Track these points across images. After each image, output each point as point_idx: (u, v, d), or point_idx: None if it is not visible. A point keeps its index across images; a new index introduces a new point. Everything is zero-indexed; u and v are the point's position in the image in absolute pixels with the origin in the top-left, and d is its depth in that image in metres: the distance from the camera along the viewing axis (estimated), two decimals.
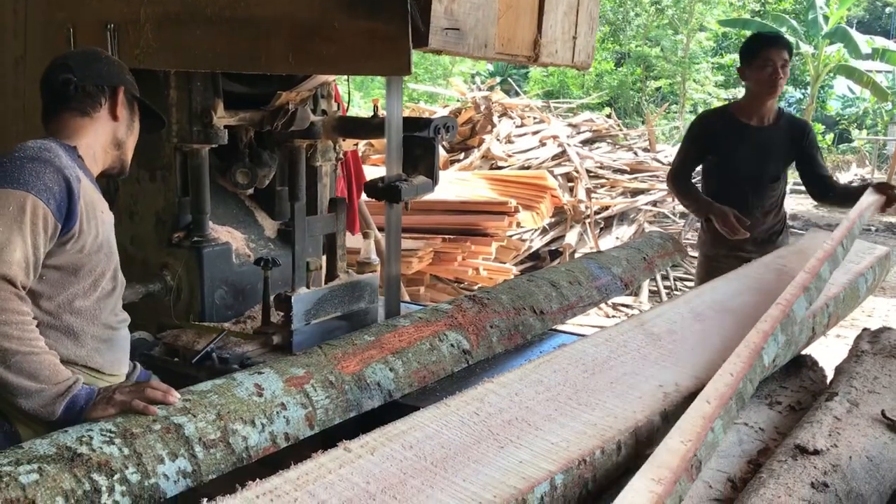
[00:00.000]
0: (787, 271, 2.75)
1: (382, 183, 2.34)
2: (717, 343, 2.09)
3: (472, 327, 2.20)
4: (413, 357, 2.00)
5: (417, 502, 1.34)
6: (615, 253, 3.14)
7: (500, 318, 2.30)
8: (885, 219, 14.34)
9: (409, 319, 2.13)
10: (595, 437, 1.58)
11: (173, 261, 2.52)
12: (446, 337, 2.12)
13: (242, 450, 1.59)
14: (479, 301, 2.31)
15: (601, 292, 2.77)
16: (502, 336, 2.28)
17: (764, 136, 3.51)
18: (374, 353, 1.94)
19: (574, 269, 2.79)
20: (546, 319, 2.45)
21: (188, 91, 2.43)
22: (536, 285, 2.54)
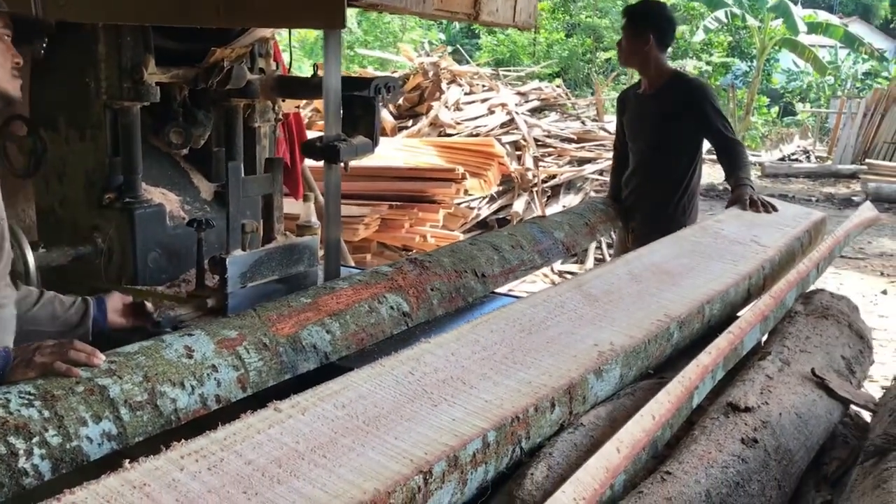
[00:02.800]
0: (724, 235, 2.78)
1: (321, 143, 2.29)
2: (653, 303, 2.10)
3: (412, 290, 2.18)
4: (351, 319, 1.97)
5: (347, 461, 1.32)
6: (558, 218, 3.14)
7: (441, 280, 2.28)
8: (826, 189, 14.70)
9: (347, 282, 2.11)
10: (529, 395, 1.57)
11: (104, 222, 2.45)
12: (386, 299, 2.09)
13: (171, 412, 1.56)
14: (420, 264, 2.29)
15: (543, 256, 2.79)
16: (443, 299, 2.26)
17: (646, 104, 3.50)
18: (310, 316, 1.91)
19: (516, 233, 2.79)
20: (487, 282, 2.45)
21: (117, 46, 2.34)
22: (479, 249, 2.53)
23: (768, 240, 2.73)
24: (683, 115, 3.38)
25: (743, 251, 2.60)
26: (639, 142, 3.58)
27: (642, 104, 3.52)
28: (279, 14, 1.86)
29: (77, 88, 2.44)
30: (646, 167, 3.54)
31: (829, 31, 20.96)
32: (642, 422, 1.62)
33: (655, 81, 3.46)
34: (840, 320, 2.30)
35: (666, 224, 3.22)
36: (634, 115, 3.59)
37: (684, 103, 3.38)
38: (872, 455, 1.67)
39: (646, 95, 3.50)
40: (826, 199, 13.78)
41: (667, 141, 3.45)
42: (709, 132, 3.39)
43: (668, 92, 3.43)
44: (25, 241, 2.15)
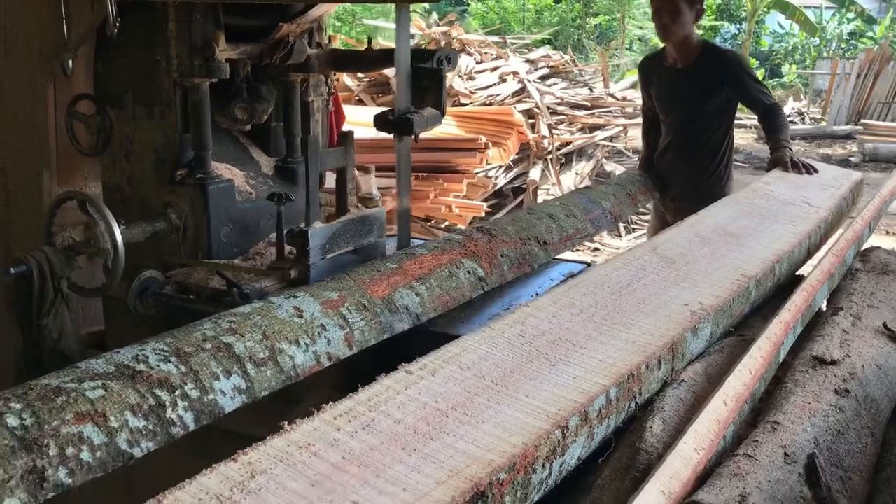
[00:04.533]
0: (775, 196, 2.85)
1: (393, 115, 2.33)
2: (727, 264, 2.17)
3: (484, 256, 2.24)
4: (435, 283, 2.05)
5: (488, 417, 1.38)
6: (603, 188, 3.26)
7: (509, 247, 2.35)
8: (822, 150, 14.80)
9: (426, 248, 2.18)
10: (638, 354, 1.64)
11: (177, 199, 2.49)
12: (462, 265, 2.16)
13: (290, 368, 1.65)
14: (487, 232, 2.35)
15: (594, 224, 2.87)
16: (512, 265, 2.33)
17: (679, 78, 3.46)
18: (398, 280, 1.98)
19: (568, 202, 2.87)
20: (549, 250, 2.53)
21: (188, 23, 2.36)
22: (537, 217, 2.60)
23: (817, 200, 2.81)
24: (720, 88, 3.39)
25: (797, 212, 2.67)
26: (673, 116, 3.57)
27: (674, 79, 3.49)
28: None
29: (146, 66, 2.46)
30: (682, 140, 3.55)
31: None
32: (741, 376, 1.70)
33: (689, 55, 3.43)
34: None
35: (705, 194, 3.26)
36: (665, 90, 3.57)
37: (719, 75, 3.38)
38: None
39: (677, 69, 3.47)
40: (824, 160, 13.85)
41: (703, 114, 3.46)
42: (748, 100, 3.44)
43: (701, 65, 3.41)
44: (112, 218, 2.19)
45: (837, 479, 1.52)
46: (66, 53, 2.43)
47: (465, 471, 1.23)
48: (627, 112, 7.94)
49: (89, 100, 2.55)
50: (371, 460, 1.25)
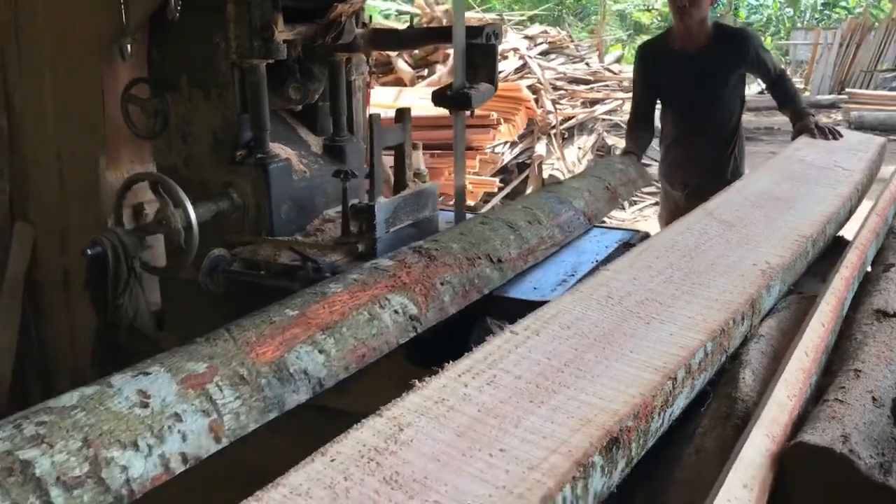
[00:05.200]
0: (808, 161, 2.95)
1: (451, 91, 2.40)
2: (783, 226, 2.26)
3: (419, 286, 1.86)
4: (348, 332, 1.65)
5: (601, 372, 1.47)
6: (575, 184, 2.83)
7: (452, 271, 1.98)
8: None
9: (341, 284, 1.78)
10: (723, 311, 1.73)
11: (237, 178, 2.54)
12: (388, 302, 1.77)
13: (121, 484, 1.21)
14: (426, 254, 1.98)
15: (564, 230, 2.49)
16: (455, 294, 1.95)
17: (693, 62, 3.38)
18: (297, 333, 1.58)
19: (532, 206, 2.48)
20: (504, 268, 2.15)
21: (247, 6, 2.41)
22: (492, 228, 2.23)
23: (850, 164, 2.91)
24: (737, 68, 3.40)
25: (834, 175, 2.77)
26: (685, 101, 3.50)
27: (685, 63, 3.42)
28: None
29: (202, 49, 2.51)
30: (698, 126, 3.51)
31: None
32: (816, 329, 1.79)
33: (703, 38, 3.39)
34: None
35: (723, 174, 3.34)
36: (676, 76, 3.46)
37: (735, 54, 3.38)
38: None
39: (688, 53, 3.40)
40: None
41: (720, 97, 3.45)
42: (764, 74, 3.50)
43: (716, 46, 3.38)
44: (187, 198, 2.25)
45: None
46: (124, 38, 2.47)
47: (594, 420, 1.31)
48: (624, 86, 8.03)
49: (146, 83, 2.59)
50: (504, 412, 1.33)
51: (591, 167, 3.29)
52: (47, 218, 2.81)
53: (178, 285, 2.54)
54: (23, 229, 2.81)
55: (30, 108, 2.75)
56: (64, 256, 2.81)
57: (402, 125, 2.50)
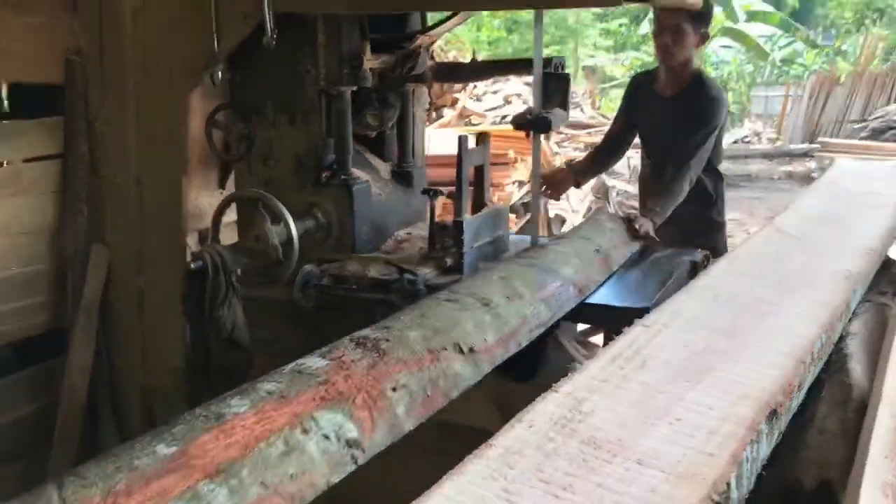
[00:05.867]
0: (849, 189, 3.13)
1: (531, 115, 2.54)
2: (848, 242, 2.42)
3: (361, 396, 1.37)
4: (252, 475, 1.14)
5: (738, 356, 1.58)
6: (562, 248, 2.37)
7: (409, 370, 1.50)
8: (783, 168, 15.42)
9: (247, 400, 1.28)
10: (826, 309, 1.87)
11: (321, 199, 2.65)
12: (316, 424, 1.27)
13: None
14: (372, 346, 1.50)
15: (550, 306, 2.03)
16: (413, 403, 1.47)
17: (667, 107, 3.21)
18: (170, 484, 1.08)
19: (512, 275, 2.04)
20: (479, 361, 1.68)
21: (338, 35, 2.54)
22: (461, 307, 1.78)
23: (887, 191, 3.09)
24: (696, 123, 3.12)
25: (876, 200, 2.95)
26: (656, 147, 3.34)
27: (661, 107, 3.25)
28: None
29: (289, 76, 2.63)
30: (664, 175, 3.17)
31: (767, 18, 21.95)
32: None
33: (681, 82, 3.20)
34: None
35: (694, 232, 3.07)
36: (650, 118, 3.31)
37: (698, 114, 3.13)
38: None
39: (665, 98, 3.25)
40: (787, 177, 14.51)
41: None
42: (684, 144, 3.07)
43: (689, 97, 3.17)
44: (288, 214, 2.35)
45: None
46: (216, 66, 2.58)
47: (750, 395, 1.43)
48: None
49: (230, 108, 2.71)
50: (667, 389, 1.44)
51: (578, 227, 2.75)
52: (124, 240, 2.88)
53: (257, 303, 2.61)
54: (99, 251, 2.87)
55: (112, 133, 2.83)
56: (139, 277, 2.88)
57: (483, 147, 2.64)
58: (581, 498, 1.12)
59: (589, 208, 7.38)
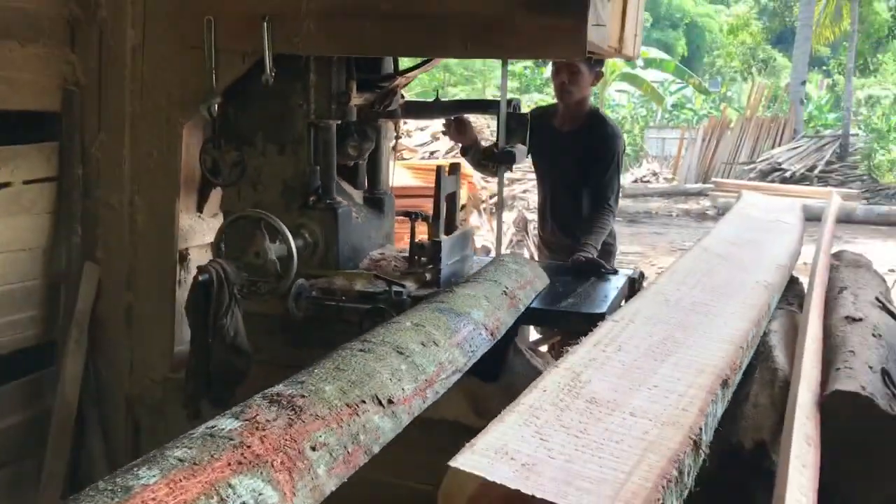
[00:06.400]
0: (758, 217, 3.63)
1: (497, 149, 2.92)
2: (763, 259, 2.88)
3: (279, 458, 1.31)
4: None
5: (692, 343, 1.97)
6: (471, 291, 2.37)
7: (328, 427, 1.45)
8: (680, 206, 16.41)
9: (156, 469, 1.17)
10: (754, 309, 2.29)
11: (308, 221, 2.94)
12: (233, 491, 1.20)
13: None
14: (287, 404, 1.44)
15: (465, 351, 2.06)
16: (335, 461, 1.42)
17: (564, 141, 3.48)
18: None
19: (424, 322, 2.03)
20: (398, 412, 1.67)
21: (328, 75, 2.86)
22: (376, 357, 1.75)
23: (789, 220, 3.61)
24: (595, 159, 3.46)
25: (781, 227, 3.45)
26: (550, 179, 3.65)
27: (558, 141, 3.52)
28: (523, 49, 2.49)
29: (280, 109, 2.92)
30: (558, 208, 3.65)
31: (663, 65, 23.31)
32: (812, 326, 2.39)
33: (578, 119, 3.50)
34: (868, 268, 3.19)
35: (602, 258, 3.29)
36: (547, 151, 3.54)
37: (596, 149, 3.44)
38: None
39: (563, 132, 3.53)
40: (684, 214, 15.46)
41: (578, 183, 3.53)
42: (598, 187, 3.43)
43: (586, 133, 3.47)
44: (288, 232, 2.64)
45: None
46: (212, 100, 2.85)
47: (706, 370, 1.82)
48: None
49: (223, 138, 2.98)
50: (642, 366, 1.82)
51: (485, 269, 2.71)
52: (115, 258, 3.09)
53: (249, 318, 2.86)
54: (91, 269, 3.07)
55: (107, 159, 3.05)
56: (128, 293, 3.09)
57: (456, 176, 2.99)
58: (595, 437, 1.47)
59: (511, 241, 7.85)
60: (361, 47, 2.68)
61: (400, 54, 2.79)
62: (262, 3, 2.74)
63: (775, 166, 17.69)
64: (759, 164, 18.02)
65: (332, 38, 2.69)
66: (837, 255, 3.36)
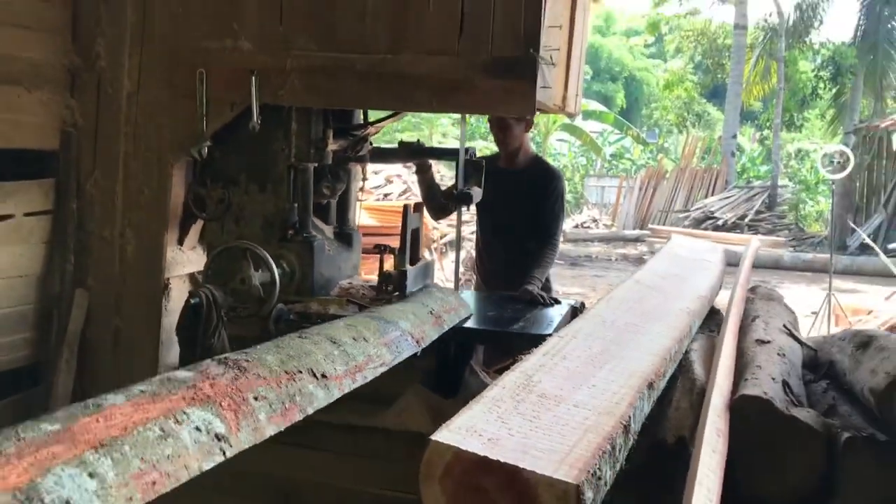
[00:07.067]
0: (684, 256, 4.08)
1: (456, 191, 3.31)
2: (685, 290, 3.30)
3: (226, 401, 1.60)
4: (133, 451, 1.33)
5: (625, 355, 2.35)
6: (400, 307, 2.84)
7: (269, 385, 1.75)
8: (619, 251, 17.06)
9: (123, 395, 1.48)
10: (676, 330, 2.70)
11: (286, 252, 3.26)
12: (187, 417, 1.49)
13: None
14: (234, 365, 1.77)
15: (392, 350, 2.43)
16: (273, 412, 1.72)
17: (508, 180, 3.74)
18: (58, 451, 1.24)
19: (356, 324, 2.44)
20: (330, 386, 2.00)
21: (307, 123, 3.22)
22: (313, 342, 2.12)
23: (712, 258, 4.06)
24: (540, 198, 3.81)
25: (704, 264, 3.90)
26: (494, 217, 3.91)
27: (504, 178, 3.75)
28: (482, 106, 2.89)
29: (263, 152, 3.26)
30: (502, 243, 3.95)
31: (602, 117, 24.23)
32: (727, 347, 2.80)
33: (520, 162, 3.88)
34: (779, 301, 3.64)
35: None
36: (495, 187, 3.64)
37: (542, 187, 3.80)
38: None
39: (509, 170, 3.84)
40: (623, 258, 16.08)
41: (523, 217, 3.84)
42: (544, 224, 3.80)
43: (531, 172, 3.84)
44: (272, 261, 2.96)
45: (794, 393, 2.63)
46: (202, 143, 3.18)
47: (636, 374, 2.20)
48: None
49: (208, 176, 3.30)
50: (582, 370, 2.19)
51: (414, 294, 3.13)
52: (105, 285, 3.36)
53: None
54: (81, 295, 3.34)
55: (100, 194, 3.34)
56: (116, 317, 3.36)
57: (419, 214, 3.36)
58: (545, 422, 1.83)
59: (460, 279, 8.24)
60: (340, 101, 3.05)
61: (374, 107, 3.17)
62: (251, 60, 3.10)
63: (708, 214, 18.53)
64: (692, 213, 18.84)
65: (313, 91, 3.05)
66: (753, 289, 3.81)
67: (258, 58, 3.10)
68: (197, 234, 3.63)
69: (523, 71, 2.80)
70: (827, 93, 21.37)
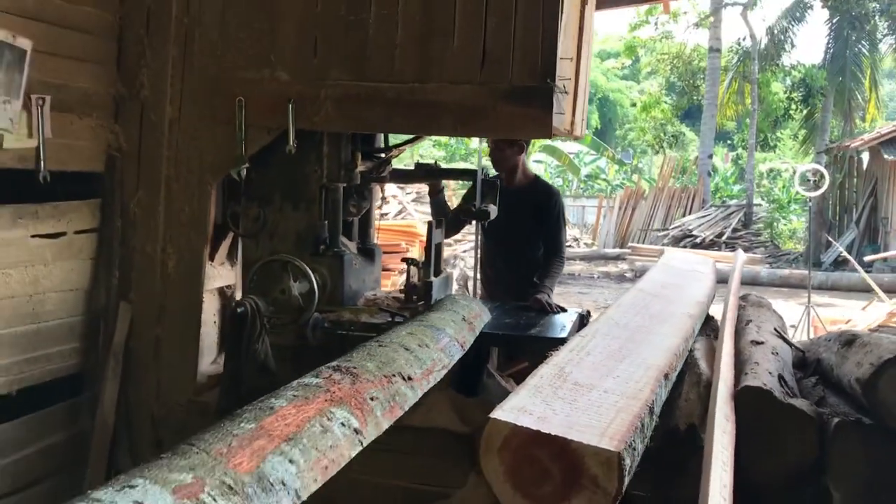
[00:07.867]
0: (679, 267, 4.39)
1: (475, 208, 3.60)
2: (685, 297, 3.61)
3: (353, 401, 1.91)
4: (309, 443, 1.65)
5: (640, 352, 2.65)
6: (439, 314, 3.03)
7: (377, 387, 2.07)
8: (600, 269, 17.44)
9: (283, 399, 1.80)
10: (682, 331, 2.99)
11: (318, 266, 3.53)
12: (333, 415, 1.80)
13: None
14: (348, 371, 2.06)
15: (447, 354, 2.68)
16: (384, 409, 2.02)
17: (510, 196, 3.93)
18: (264, 444, 1.56)
19: (415, 331, 2.68)
20: (415, 387, 2.27)
21: (338, 146, 3.50)
22: (393, 350, 2.38)
23: (704, 269, 4.38)
24: (540, 216, 4.12)
25: (698, 276, 4.21)
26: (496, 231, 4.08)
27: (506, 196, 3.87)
28: (502, 130, 3.19)
29: (296, 174, 3.54)
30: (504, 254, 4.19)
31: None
32: (727, 346, 3.10)
33: (519, 181, 4.15)
34: (768, 307, 3.96)
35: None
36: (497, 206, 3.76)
37: (543, 203, 4.11)
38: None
39: (511, 189, 4.05)
40: (605, 276, 16.46)
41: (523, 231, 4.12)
42: (550, 239, 4.17)
43: (531, 191, 4.14)
44: (310, 271, 3.23)
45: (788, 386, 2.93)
46: (241, 165, 3.45)
47: (652, 367, 2.49)
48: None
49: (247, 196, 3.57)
50: (606, 363, 2.48)
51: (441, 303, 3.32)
52: (147, 298, 3.60)
53: None
54: (125, 308, 3.58)
55: (144, 213, 3.59)
56: (158, 328, 3.60)
57: (442, 229, 3.64)
58: (583, 404, 2.11)
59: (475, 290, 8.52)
60: (370, 126, 3.34)
61: (402, 132, 3.46)
62: (288, 89, 3.37)
63: (686, 233, 18.97)
64: (671, 231, 19.27)
65: (345, 118, 3.33)
66: (744, 297, 4.13)
67: (294, 87, 3.37)
68: (226, 250, 3.89)
69: (540, 99, 3.10)
70: (798, 113, 21.97)
